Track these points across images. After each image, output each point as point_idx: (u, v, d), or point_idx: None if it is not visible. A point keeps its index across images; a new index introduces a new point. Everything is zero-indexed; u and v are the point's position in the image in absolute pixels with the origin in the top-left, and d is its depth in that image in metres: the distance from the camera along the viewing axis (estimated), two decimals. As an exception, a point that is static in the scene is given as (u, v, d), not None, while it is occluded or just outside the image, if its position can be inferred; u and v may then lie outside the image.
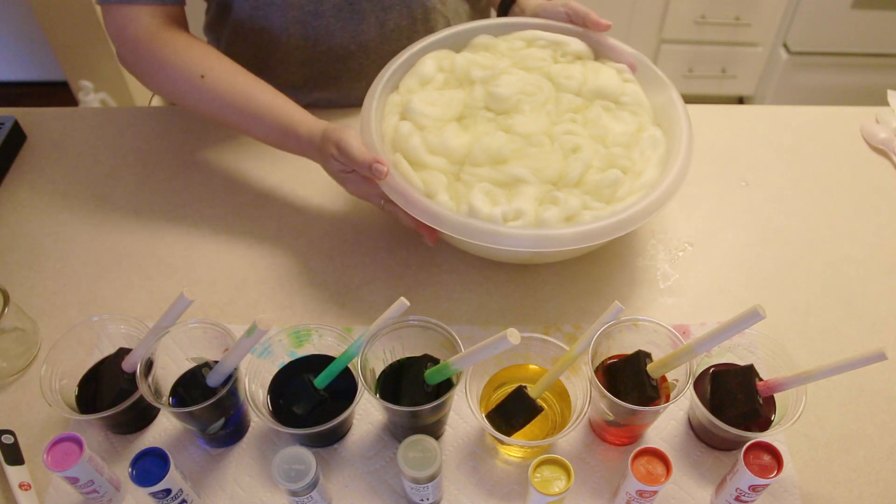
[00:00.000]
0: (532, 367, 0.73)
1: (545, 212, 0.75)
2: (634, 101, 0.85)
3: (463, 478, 0.70)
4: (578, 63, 0.88)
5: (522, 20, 0.92)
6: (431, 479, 0.62)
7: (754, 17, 2.10)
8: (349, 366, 0.68)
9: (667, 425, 0.73)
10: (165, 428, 0.73)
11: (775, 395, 0.70)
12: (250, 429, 0.73)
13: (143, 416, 0.73)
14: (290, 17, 0.93)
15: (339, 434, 0.72)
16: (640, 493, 0.61)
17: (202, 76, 0.83)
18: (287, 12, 0.93)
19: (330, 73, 1.01)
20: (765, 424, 0.68)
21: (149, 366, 0.66)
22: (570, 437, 0.72)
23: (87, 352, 0.74)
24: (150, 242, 0.89)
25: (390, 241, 0.89)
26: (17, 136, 1.00)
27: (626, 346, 0.71)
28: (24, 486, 0.68)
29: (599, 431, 0.72)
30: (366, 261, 0.87)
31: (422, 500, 0.66)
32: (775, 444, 0.62)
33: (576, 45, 0.89)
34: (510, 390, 0.68)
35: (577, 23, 0.91)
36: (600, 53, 0.91)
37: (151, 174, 0.97)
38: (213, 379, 0.66)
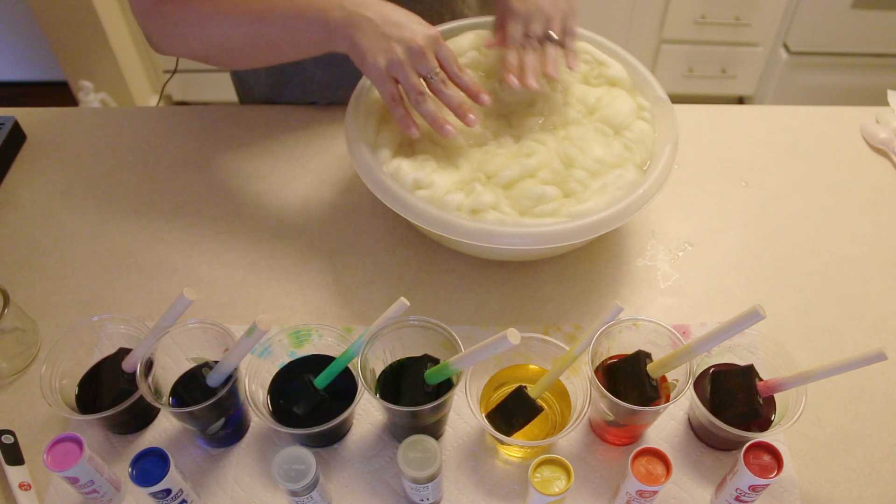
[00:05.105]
0: (532, 367, 0.73)
1: (453, 195, 0.76)
2: (636, 139, 0.82)
3: (463, 478, 0.70)
4: (604, 88, 0.87)
5: (584, 32, 0.91)
6: (431, 479, 0.62)
7: (754, 17, 2.10)
8: (349, 366, 0.68)
9: (667, 425, 0.73)
10: (165, 428, 0.73)
11: (775, 395, 0.70)
12: (250, 429, 0.73)
13: (143, 416, 0.73)
14: None
15: (339, 434, 0.72)
16: (640, 493, 0.61)
17: None
18: None
19: (356, 73, 1.01)
20: (765, 424, 0.68)
21: (149, 366, 0.66)
22: (570, 437, 0.72)
23: (87, 352, 0.74)
24: (150, 242, 0.89)
25: (390, 241, 0.89)
26: (17, 136, 1.00)
27: (626, 346, 0.71)
28: (24, 486, 0.68)
29: (599, 431, 0.72)
30: (366, 261, 0.87)
31: (422, 500, 0.66)
32: (775, 444, 0.62)
33: (616, 69, 0.88)
34: (510, 390, 0.68)
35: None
36: (639, 84, 0.89)
37: (151, 174, 0.97)
38: (213, 379, 0.66)
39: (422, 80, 0.78)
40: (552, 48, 0.83)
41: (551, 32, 0.83)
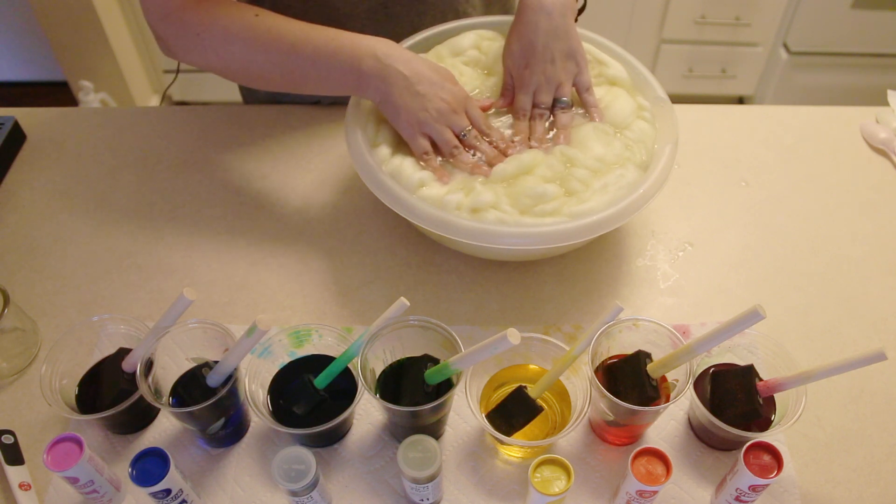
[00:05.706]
0: (532, 367, 0.73)
1: (453, 195, 0.76)
2: (636, 139, 0.83)
3: (463, 478, 0.70)
4: (606, 87, 0.88)
5: (584, 32, 0.91)
6: (431, 479, 0.62)
7: (754, 17, 2.10)
8: (349, 366, 0.68)
9: (667, 425, 0.73)
10: (165, 428, 0.73)
11: (775, 395, 0.70)
12: (250, 429, 0.73)
13: (143, 416, 0.73)
14: (323, 20, 0.92)
15: (339, 434, 0.72)
16: (640, 493, 0.61)
17: (256, 14, 0.79)
18: (320, 14, 0.91)
19: None
20: (765, 424, 0.68)
21: (149, 366, 0.66)
22: (570, 437, 0.72)
23: (87, 352, 0.74)
24: (150, 242, 0.89)
25: (390, 241, 0.89)
26: (17, 136, 1.00)
27: (626, 346, 0.71)
28: (24, 486, 0.68)
29: (599, 431, 0.72)
30: (366, 261, 0.87)
31: (422, 500, 0.66)
32: (775, 444, 0.62)
33: (616, 69, 0.88)
34: (510, 390, 0.68)
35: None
36: (639, 84, 0.89)
37: (151, 174, 0.97)
38: (213, 379, 0.66)
39: (454, 135, 0.80)
40: (563, 115, 0.84)
41: (564, 98, 0.84)
